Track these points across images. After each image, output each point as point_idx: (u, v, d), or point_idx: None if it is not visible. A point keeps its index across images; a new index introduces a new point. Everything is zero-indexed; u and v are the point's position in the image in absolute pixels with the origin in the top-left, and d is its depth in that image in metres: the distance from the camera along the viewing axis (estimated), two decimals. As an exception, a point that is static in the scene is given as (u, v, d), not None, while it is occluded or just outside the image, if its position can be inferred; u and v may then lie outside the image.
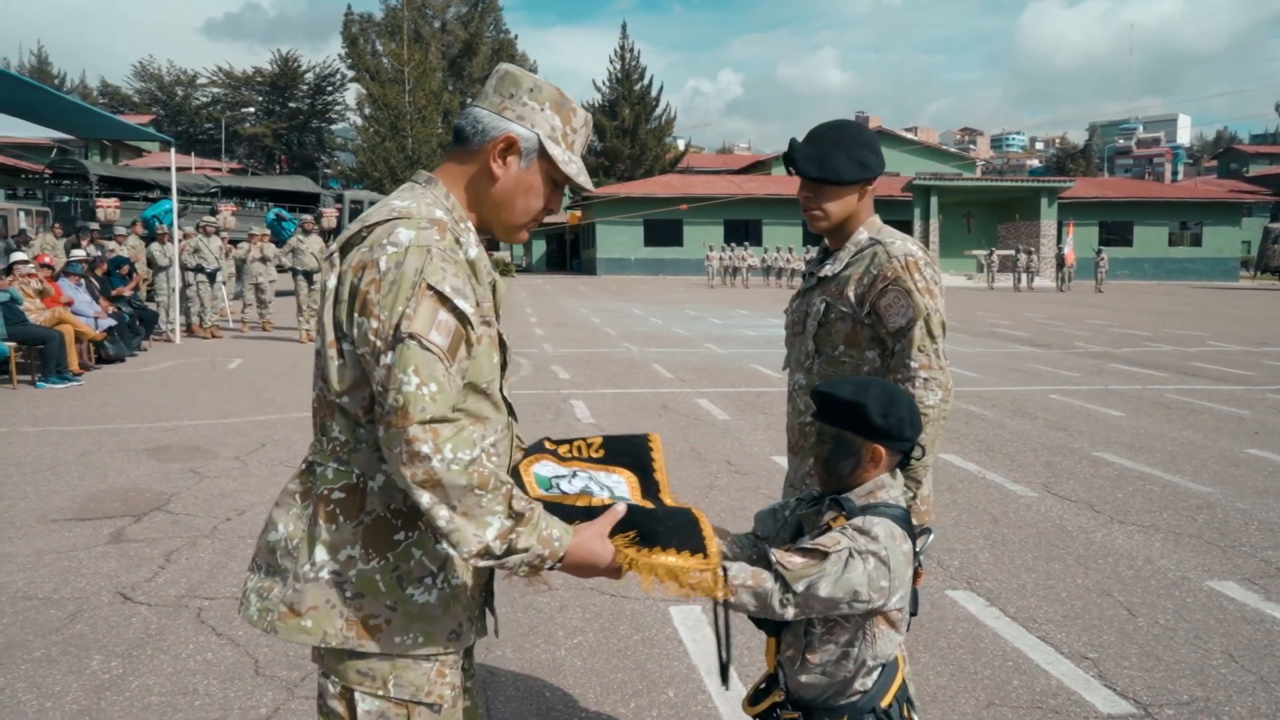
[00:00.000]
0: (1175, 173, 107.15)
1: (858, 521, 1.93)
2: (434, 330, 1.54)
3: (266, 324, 16.34)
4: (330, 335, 1.64)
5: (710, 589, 1.77)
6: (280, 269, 16.40)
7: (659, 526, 1.75)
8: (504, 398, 1.80)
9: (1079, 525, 5.45)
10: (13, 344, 9.97)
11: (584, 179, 1.81)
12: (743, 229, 42.42)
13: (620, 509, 1.74)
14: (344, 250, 1.65)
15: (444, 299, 1.57)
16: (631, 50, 54.92)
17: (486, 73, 57.34)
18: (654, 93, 55.10)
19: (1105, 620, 4.10)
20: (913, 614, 2.08)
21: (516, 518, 1.57)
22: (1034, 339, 16.42)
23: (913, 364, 2.26)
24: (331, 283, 1.64)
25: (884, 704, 2.00)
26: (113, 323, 12.12)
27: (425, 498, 1.51)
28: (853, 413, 1.98)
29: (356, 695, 1.68)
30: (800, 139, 2.39)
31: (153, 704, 3.27)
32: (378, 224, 1.64)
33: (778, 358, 2.38)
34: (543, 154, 1.76)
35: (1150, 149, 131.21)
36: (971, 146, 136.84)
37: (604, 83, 55.25)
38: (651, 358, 13.22)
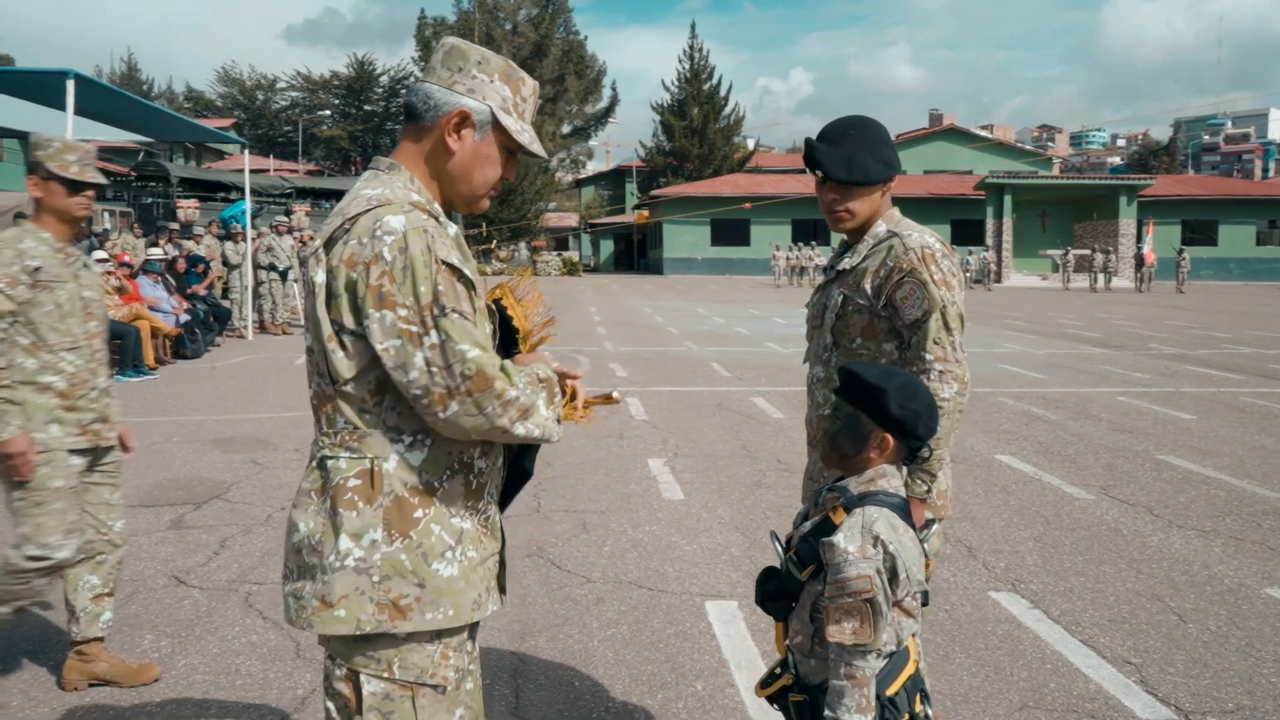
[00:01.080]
0: (1266, 169, 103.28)
1: (859, 520, 1.92)
2: (461, 300, 1.65)
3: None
4: (327, 330, 1.67)
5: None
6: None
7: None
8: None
9: (1135, 529, 5.31)
10: (92, 339, 10.36)
11: (536, 146, 1.84)
12: (810, 228, 42.03)
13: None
14: (328, 245, 1.67)
15: (455, 270, 1.65)
16: (700, 50, 54.82)
17: (556, 74, 57.96)
18: (723, 92, 54.91)
19: (1153, 625, 3.99)
20: (923, 604, 2.07)
21: (528, 387, 1.71)
22: (1106, 340, 15.99)
23: (928, 356, 2.25)
24: (320, 278, 1.66)
25: (890, 692, 1.98)
26: (188, 319, 12.54)
27: (520, 429, 1.68)
28: (872, 396, 1.99)
29: (362, 678, 1.71)
30: (815, 137, 2.38)
31: (197, 681, 3.40)
32: (359, 215, 1.66)
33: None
34: (496, 125, 1.79)
35: (1239, 145, 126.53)
36: (1049, 144, 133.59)
37: (673, 82, 55.25)
38: (711, 356, 13.21)
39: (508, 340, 1.97)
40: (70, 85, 9.00)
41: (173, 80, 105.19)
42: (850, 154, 2.30)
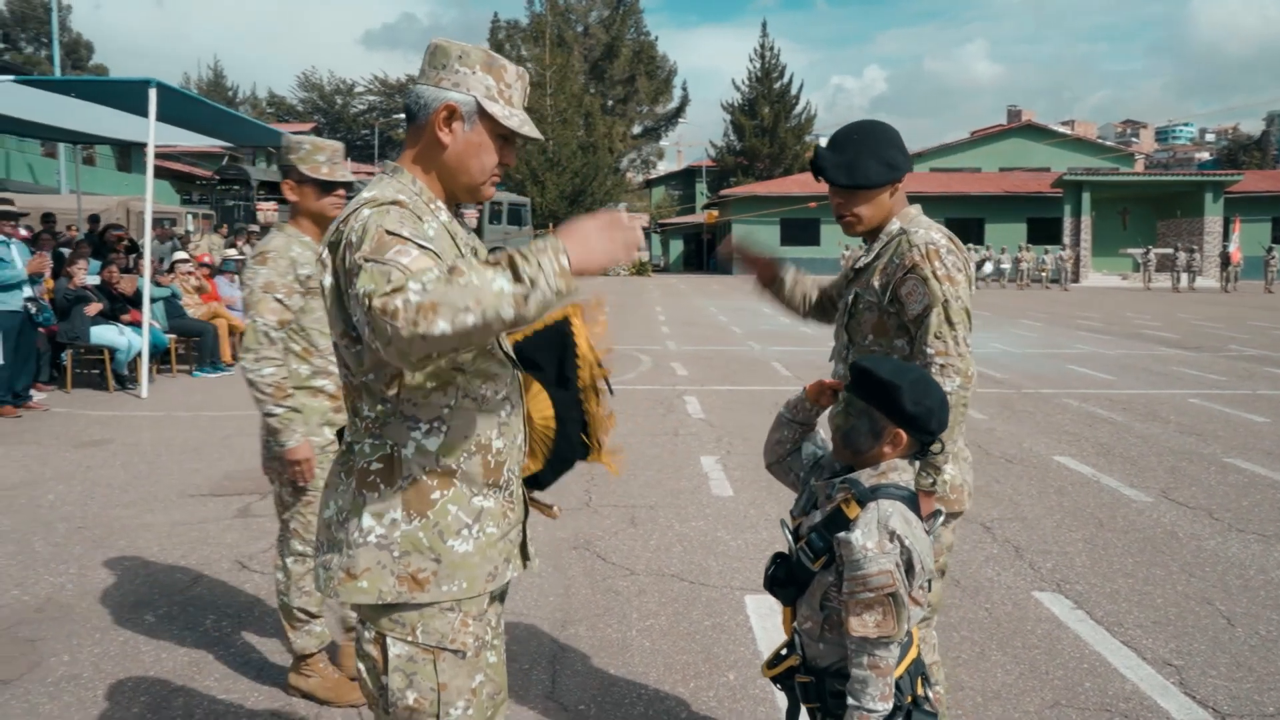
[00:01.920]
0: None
1: (875, 515, 1.96)
2: (391, 253, 1.57)
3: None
4: (340, 326, 1.79)
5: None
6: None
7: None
8: (506, 355, 1.93)
9: (1191, 532, 5.22)
10: (173, 336, 10.82)
11: (528, 129, 1.91)
12: (881, 227, 41.53)
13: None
14: (332, 248, 1.76)
15: (401, 238, 1.62)
16: (771, 48, 54.60)
17: (627, 74, 58.22)
18: (794, 90, 54.61)
19: (1199, 628, 3.93)
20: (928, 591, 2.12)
21: (503, 263, 1.54)
22: (1183, 341, 15.54)
23: (929, 350, 2.28)
24: (328, 281, 1.77)
25: (894, 676, 2.03)
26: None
27: (441, 323, 1.46)
28: (885, 392, 2.03)
29: (388, 640, 1.85)
30: (825, 145, 2.44)
31: (252, 660, 3.58)
32: (349, 217, 1.75)
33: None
34: (483, 113, 1.87)
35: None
36: (1133, 140, 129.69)
37: (743, 81, 55.11)
38: (773, 356, 13.20)
39: (568, 361, 2.03)
40: (152, 93, 9.41)
41: (256, 86, 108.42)
42: (852, 159, 2.35)
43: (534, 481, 2.10)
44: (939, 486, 2.27)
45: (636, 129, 61.41)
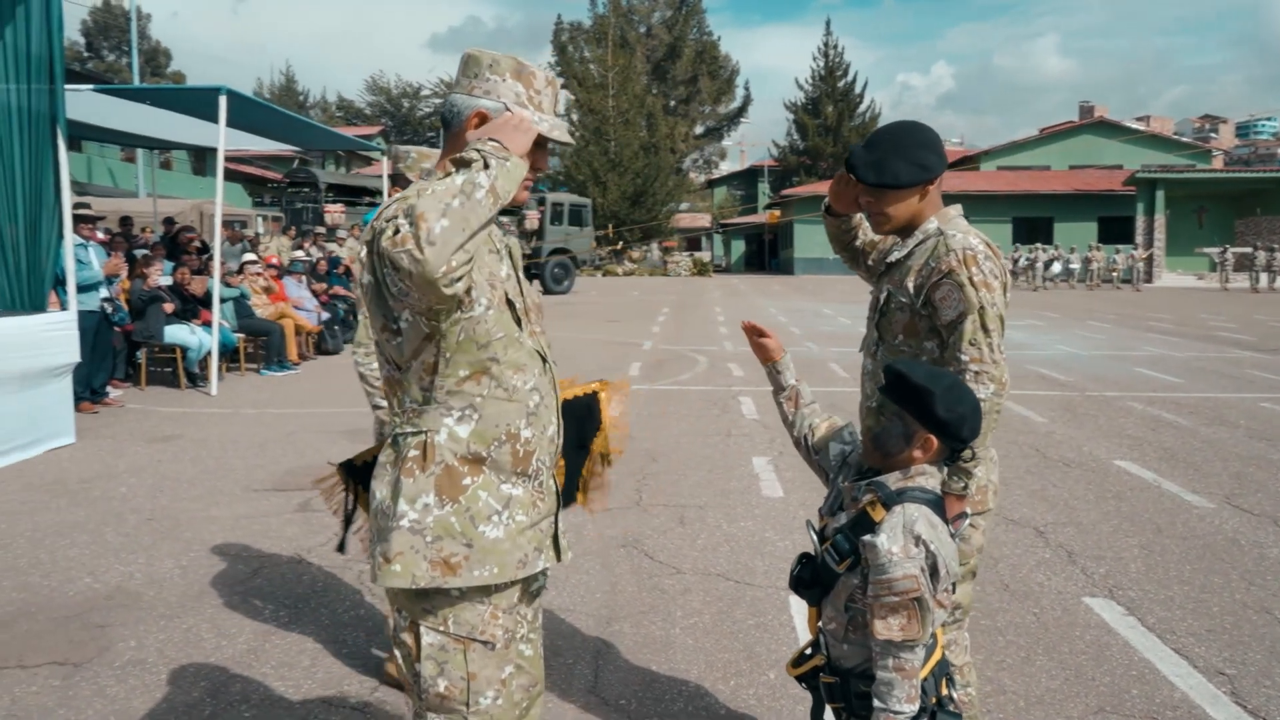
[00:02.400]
0: None
1: (900, 520, 1.97)
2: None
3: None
4: (380, 322, 1.88)
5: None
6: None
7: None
8: (535, 349, 2.01)
9: (1254, 540, 5.09)
10: (241, 335, 11.15)
11: (558, 133, 1.99)
12: (947, 227, 40.86)
13: None
14: (369, 247, 1.83)
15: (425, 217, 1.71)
16: (835, 46, 54.16)
17: (689, 75, 58.17)
18: (858, 89, 54.08)
19: (1256, 638, 3.85)
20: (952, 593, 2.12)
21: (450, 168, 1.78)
22: (1259, 343, 15.08)
23: (963, 357, 2.29)
24: (367, 279, 1.85)
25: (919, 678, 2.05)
26: (328, 317, 13.28)
27: (436, 222, 1.64)
28: (918, 398, 2.04)
29: (421, 629, 1.93)
30: (862, 145, 2.45)
31: (307, 648, 3.70)
32: (381, 212, 1.82)
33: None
34: None
35: None
36: (1213, 135, 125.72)
37: (806, 80, 54.74)
38: (831, 357, 13.12)
39: (589, 428, 2.26)
40: (222, 100, 9.70)
41: (326, 90, 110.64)
42: (882, 158, 2.36)
43: None
44: (970, 490, 2.27)
45: (699, 129, 61.33)
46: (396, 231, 1.66)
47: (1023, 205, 41.97)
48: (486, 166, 1.73)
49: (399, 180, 3.39)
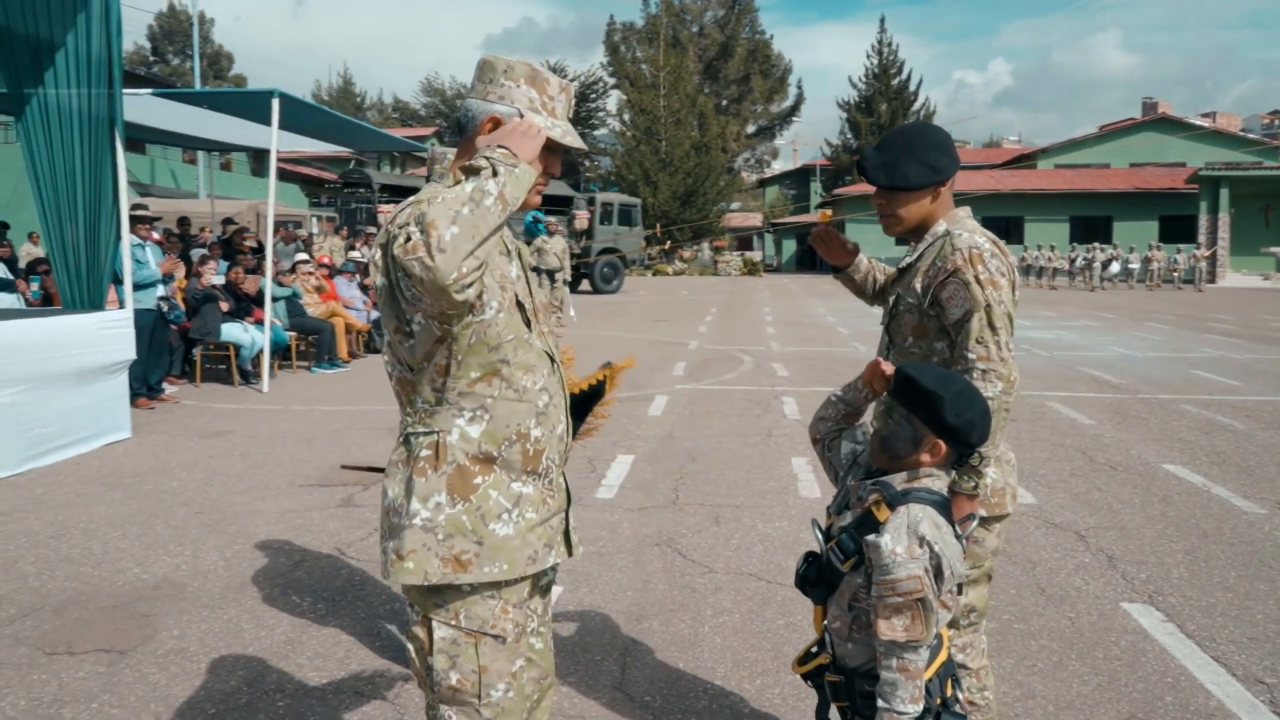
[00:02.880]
0: None
1: (904, 520, 1.98)
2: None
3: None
4: (393, 324, 1.92)
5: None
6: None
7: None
8: (544, 350, 2.05)
9: (1305, 547, 4.96)
10: (293, 333, 11.38)
11: (569, 139, 2.01)
12: (1003, 225, 40.29)
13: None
14: (383, 250, 1.88)
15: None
16: (889, 44, 53.67)
17: (741, 74, 57.98)
18: (912, 87, 53.51)
19: (1299, 646, 3.76)
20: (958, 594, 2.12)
21: (460, 176, 1.84)
22: (1325, 346, 14.64)
23: (970, 355, 2.28)
24: (380, 281, 1.90)
25: (924, 678, 2.05)
26: (378, 316, 13.48)
27: (446, 230, 1.68)
28: (928, 402, 2.04)
29: (434, 623, 1.98)
30: (874, 147, 2.45)
31: (343, 640, 3.79)
32: (395, 216, 1.87)
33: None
34: None
35: None
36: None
37: (860, 79, 54.29)
38: (878, 357, 12.99)
39: (591, 401, 2.63)
40: (275, 103, 9.91)
41: (383, 92, 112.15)
42: (893, 160, 2.36)
43: None
44: (980, 490, 2.26)
45: (751, 128, 61.16)
46: (408, 239, 1.71)
47: (1081, 204, 41.17)
48: (495, 174, 1.77)
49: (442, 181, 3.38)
